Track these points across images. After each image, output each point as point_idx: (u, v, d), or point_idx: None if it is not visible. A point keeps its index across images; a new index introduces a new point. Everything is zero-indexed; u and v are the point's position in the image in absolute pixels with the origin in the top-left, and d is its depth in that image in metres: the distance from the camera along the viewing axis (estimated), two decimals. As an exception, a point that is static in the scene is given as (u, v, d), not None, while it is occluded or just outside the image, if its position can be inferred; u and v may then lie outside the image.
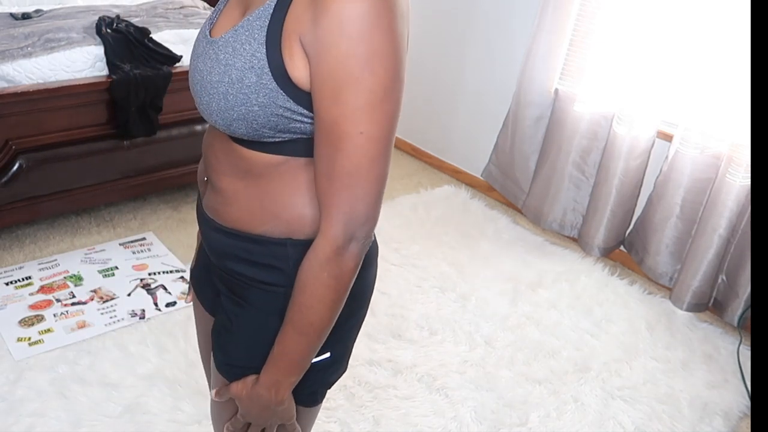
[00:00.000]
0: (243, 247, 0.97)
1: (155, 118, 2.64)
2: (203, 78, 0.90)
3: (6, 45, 2.38)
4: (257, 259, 0.96)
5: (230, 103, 0.86)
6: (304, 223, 0.93)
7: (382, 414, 2.01)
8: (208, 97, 0.89)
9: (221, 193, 0.98)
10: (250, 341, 1.01)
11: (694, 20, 2.46)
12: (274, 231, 0.94)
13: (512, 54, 3.20)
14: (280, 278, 0.96)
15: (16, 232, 2.74)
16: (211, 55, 0.90)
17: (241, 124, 0.87)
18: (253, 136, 0.88)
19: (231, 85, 0.86)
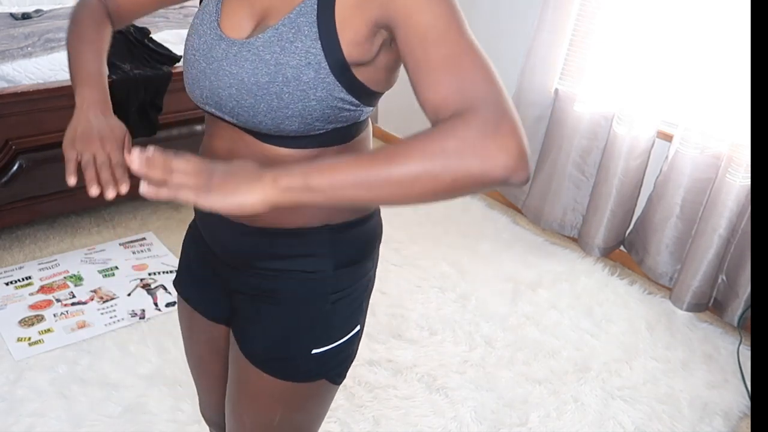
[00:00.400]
0: (282, 243, 0.99)
1: (155, 118, 2.64)
2: (242, 81, 0.88)
3: (6, 45, 2.38)
4: (297, 251, 1.00)
5: (284, 102, 0.87)
6: (349, 206, 0.99)
7: (382, 414, 2.01)
8: (253, 99, 0.88)
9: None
10: (289, 331, 1.03)
11: (694, 20, 2.46)
12: (313, 221, 0.98)
13: (512, 54, 3.19)
14: (319, 264, 1.00)
15: (16, 232, 2.74)
16: (247, 57, 0.88)
17: (294, 121, 0.88)
18: (305, 130, 0.90)
19: (286, 84, 0.86)
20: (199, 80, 0.93)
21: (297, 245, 0.99)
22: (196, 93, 0.95)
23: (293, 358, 1.04)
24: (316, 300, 1.02)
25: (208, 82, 0.92)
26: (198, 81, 0.94)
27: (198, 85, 0.94)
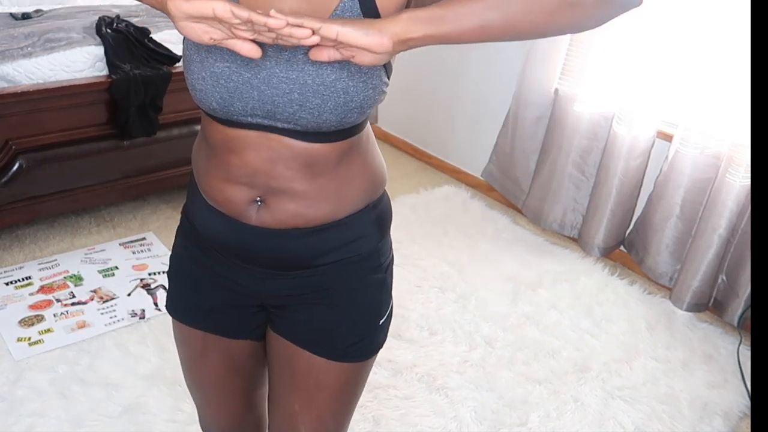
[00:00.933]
0: (334, 236, 1.03)
1: (155, 118, 2.64)
2: (305, 84, 0.88)
3: (6, 45, 2.38)
4: (348, 239, 1.04)
5: (350, 96, 0.89)
6: (380, 180, 1.06)
7: (382, 414, 2.01)
8: (320, 99, 0.88)
9: (304, 198, 0.98)
10: (359, 313, 1.09)
11: (694, 20, 2.46)
12: (359, 204, 1.03)
13: (512, 54, 3.19)
14: (370, 242, 1.06)
15: (16, 232, 2.74)
16: (304, 59, 0.87)
17: (354, 114, 0.91)
18: (361, 119, 0.94)
19: (351, 78, 0.88)
20: (243, 92, 0.90)
21: (348, 233, 1.04)
22: (236, 106, 0.91)
23: (368, 335, 1.11)
24: (374, 275, 1.08)
25: (256, 92, 0.90)
26: (241, 93, 0.90)
27: (241, 97, 0.90)
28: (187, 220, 1.12)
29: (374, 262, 1.08)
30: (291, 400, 1.14)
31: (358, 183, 1.02)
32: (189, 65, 0.93)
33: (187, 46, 0.93)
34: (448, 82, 3.59)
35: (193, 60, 0.92)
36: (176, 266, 1.17)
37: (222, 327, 1.15)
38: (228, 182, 0.99)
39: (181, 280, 1.17)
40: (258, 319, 1.14)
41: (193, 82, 0.93)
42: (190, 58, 0.92)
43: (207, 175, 1.03)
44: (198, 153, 1.07)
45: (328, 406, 1.14)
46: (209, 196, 1.03)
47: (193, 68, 0.92)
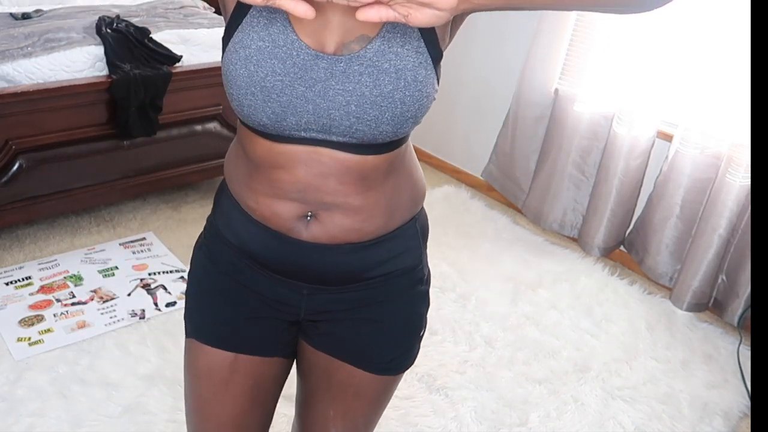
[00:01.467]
0: (385, 248, 1.03)
1: (155, 118, 2.64)
2: (363, 96, 0.87)
3: (6, 45, 2.38)
4: (396, 251, 1.04)
5: (407, 106, 0.89)
6: (422, 192, 1.07)
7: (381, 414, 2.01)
8: (378, 111, 0.88)
9: (358, 213, 0.97)
10: (403, 326, 1.10)
11: (694, 20, 2.46)
12: (405, 216, 1.04)
13: (512, 54, 3.19)
14: (414, 254, 1.07)
15: (16, 232, 2.74)
16: (362, 70, 0.87)
17: (409, 124, 0.92)
18: (406, 132, 0.94)
19: (407, 88, 0.88)
20: (297, 106, 0.88)
21: (398, 246, 1.04)
22: (289, 121, 0.89)
23: (409, 348, 1.13)
24: (417, 287, 1.09)
25: (311, 106, 0.88)
26: (295, 107, 0.88)
27: (294, 111, 0.88)
28: (217, 234, 1.07)
29: (418, 275, 1.08)
30: (326, 406, 1.14)
31: (406, 194, 1.03)
32: (234, 81, 0.88)
33: (231, 60, 0.88)
34: (448, 82, 3.58)
35: (239, 75, 0.88)
36: (202, 284, 1.10)
37: (255, 344, 1.09)
38: (276, 198, 0.97)
39: (210, 297, 1.10)
40: (291, 334, 1.12)
41: (240, 98, 0.89)
42: (235, 74, 0.88)
43: (251, 191, 0.99)
44: (235, 168, 1.03)
45: (363, 414, 1.16)
46: (255, 212, 1.00)
47: (240, 83, 0.88)
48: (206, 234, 1.11)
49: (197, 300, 1.11)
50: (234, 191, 1.03)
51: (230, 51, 0.89)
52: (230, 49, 0.89)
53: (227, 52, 0.89)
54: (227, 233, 1.05)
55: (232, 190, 1.04)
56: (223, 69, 0.91)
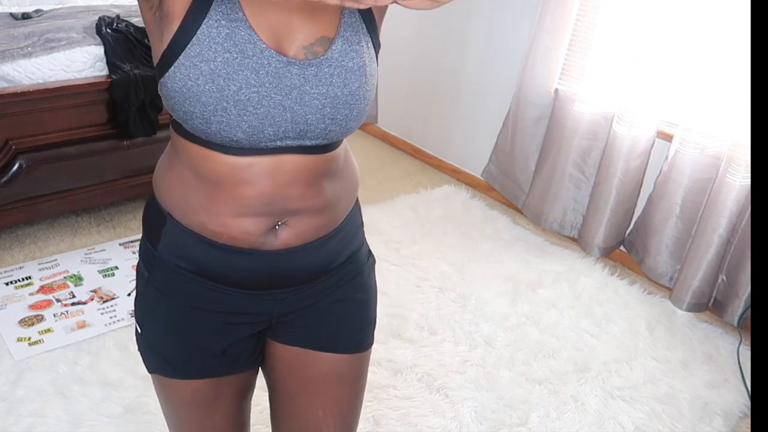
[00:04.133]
0: (345, 233, 1.05)
1: (155, 118, 2.64)
2: (336, 96, 0.88)
3: (6, 45, 2.38)
4: (352, 233, 1.08)
5: (367, 100, 0.93)
6: (357, 170, 1.08)
7: (382, 414, 2.01)
8: (348, 109, 0.90)
9: (325, 209, 0.98)
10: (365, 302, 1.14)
11: (694, 20, 2.46)
12: (351, 203, 1.06)
13: (512, 54, 3.20)
14: (361, 233, 1.12)
15: (16, 232, 2.74)
16: (332, 72, 0.87)
17: (364, 116, 0.95)
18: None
19: (368, 84, 0.91)
20: (275, 116, 0.86)
21: (353, 228, 1.08)
22: (267, 132, 0.87)
23: (372, 318, 1.16)
24: (367, 260, 1.14)
25: (289, 114, 0.86)
26: (273, 118, 0.86)
27: (273, 122, 0.86)
28: (164, 266, 1.01)
29: (366, 248, 1.14)
30: (313, 407, 1.12)
31: (352, 176, 1.05)
32: (197, 98, 0.83)
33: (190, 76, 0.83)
34: (448, 82, 3.59)
35: (204, 91, 0.83)
36: (159, 322, 1.05)
37: (236, 364, 1.09)
38: (244, 216, 0.93)
39: (173, 333, 1.05)
40: (261, 339, 1.12)
41: (206, 115, 0.84)
42: (198, 90, 0.83)
43: (213, 214, 0.94)
44: (183, 192, 0.95)
45: (349, 403, 1.15)
46: (221, 236, 0.95)
47: (207, 100, 0.83)
48: (150, 270, 1.02)
49: (160, 339, 1.06)
50: (185, 218, 0.96)
51: (186, 66, 0.83)
52: (185, 65, 0.83)
53: (180, 67, 0.83)
54: (181, 262, 0.99)
55: (182, 217, 0.96)
56: (174, 87, 0.84)
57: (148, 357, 1.09)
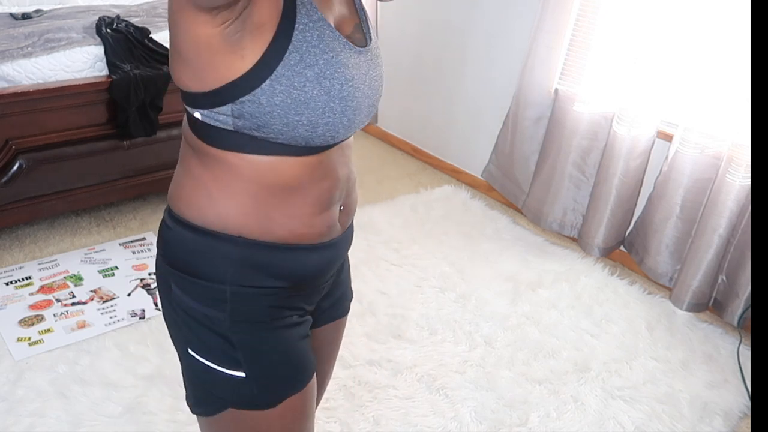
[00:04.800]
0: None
1: (155, 118, 2.64)
2: (383, 77, 0.96)
3: (6, 45, 2.38)
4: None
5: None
6: None
7: (382, 414, 2.01)
8: (383, 89, 0.97)
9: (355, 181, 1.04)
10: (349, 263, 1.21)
11: (694, 20, 2.46)
12: None
13: (512, 54, 3.20)
14: None
15: (16, 232, 2.74)
16: (377, 53, 0.96)
17: None
18: None
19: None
20: (362, 105, 0.88)
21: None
22: (357, 122, 0.89)
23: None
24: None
25: (368, 100, 0.90)
26: (362, 107, 0.88)
27: (361, 111, 0.89)
28: (246, 298, 0.96)
29: None
30: (327, 368, 1.22)
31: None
32: (307, 104, 0.83)
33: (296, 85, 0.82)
34: (448, 82, 3.59)
35: (314, 96, 0.83)
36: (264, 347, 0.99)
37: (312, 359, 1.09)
38: (327, 209, 0.94)
39: (279, 353, 1.00)
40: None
41: (316, 120, 0.84)
42: (307, 96, 0.83)
43: (299, 217, 0.93)
44: (256, 206, 0.91)
45: (338, 347, 1.27)
46: (311, 236, 0.95)
47: (317, 105, 0.83)
48: (225, 310, 0.95)
49: (275, 364, 1.00)
50: (267, 233, 0.93)
51: (287, 76, 0.81)
52: (286, 75, 0.81)
53: (281, 78, 0.81)
54: (267, 282, 0.96)
55: (263, 233, 0.93)
56: (274, 100, 0.82)
57: (267, 391, 1.00)
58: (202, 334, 0.96)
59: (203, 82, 0.83)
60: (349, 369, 2.16)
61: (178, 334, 1.01)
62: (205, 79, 0.83)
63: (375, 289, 2.58)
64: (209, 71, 0.82)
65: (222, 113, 0.85)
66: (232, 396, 0.99)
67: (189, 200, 0.94)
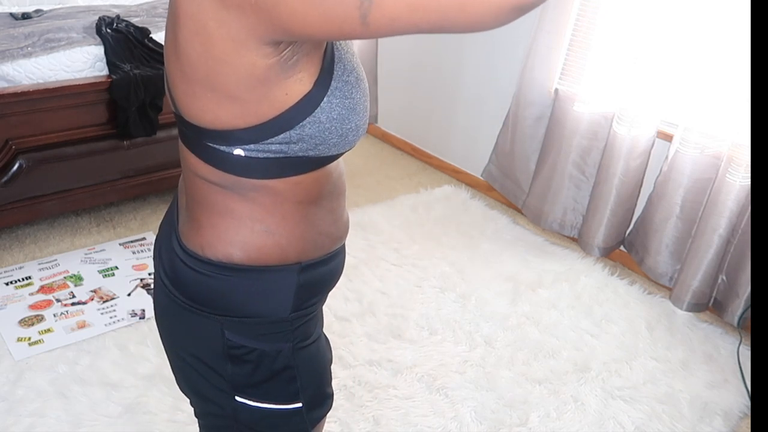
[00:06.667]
0: None
1: (155, 118, 2.64)
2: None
3: (6, 45, 2.38)
4: None
5: None
6: None
7: (382, 414, 2.01)
8: None
9: None
10: None
11: (694, 20, 2.46)
12: None
13: (512, 54, 3.19)
14: None
15: (16, 232, 2.74)
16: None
17: None
18: None
19: None
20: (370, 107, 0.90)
21: None
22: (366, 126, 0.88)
23: None
24: None
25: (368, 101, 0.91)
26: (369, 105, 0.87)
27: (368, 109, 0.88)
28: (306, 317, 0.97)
29: None
30: None
31: None
32: (354, 112, 0.83)
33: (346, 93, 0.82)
34: (448, 82, 3.59)
35: (358, 101, 0.83)
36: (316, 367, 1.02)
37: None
38: (343, 206, 0.97)
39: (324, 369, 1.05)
40: None
41: (360, 123, 0.84)
42: (353, 104, 0.83)
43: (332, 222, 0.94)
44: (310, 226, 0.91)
45: None
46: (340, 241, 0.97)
47: (361, 107, 0.84)
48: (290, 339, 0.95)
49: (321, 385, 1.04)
50: (320, 249, 0.94)
51: (339, 88, 0.81)
52: (339, 87, 0.81)
53: (335, 92, 0.81)
54: (314, 298, 0.97)
55: (317, 250, 0.94)
56: (332, 116, 0.81)
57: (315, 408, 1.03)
58: (259, 376, 0.95)
59: (254, 116, 0.78)
60: (349, 369, 2.16)
61: (216, 393, 0.98)
62: (257, 112, 0.78)
63: (375, 289, 2.58)
64: (263, 104, 0.78)
65: (276, 143, 0.80)
66: (286, 429, 1.00)
67: (235, 241, 0.89)
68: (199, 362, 0.97)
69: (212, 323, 0.92)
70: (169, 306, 0.96)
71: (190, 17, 0.74)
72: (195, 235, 0.91)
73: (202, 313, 0.92)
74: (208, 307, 0.91)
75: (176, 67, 0.80)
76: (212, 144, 0.82)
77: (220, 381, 0.96)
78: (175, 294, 0.94)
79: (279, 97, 0.78)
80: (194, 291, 0.92)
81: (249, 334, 0.92)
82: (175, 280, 0.93)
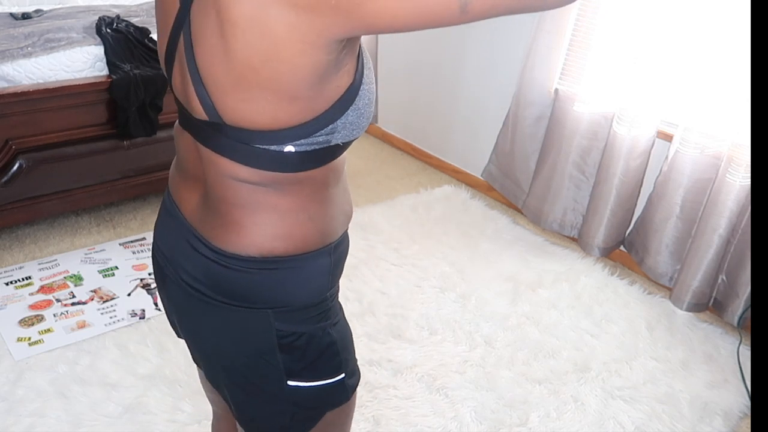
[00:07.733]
0: None
1: (155, 118, 2.64)
2: None
3: (6, 45, 2.38)
4: None
5: None
6: None
7: (382, 414, 2.01)
8: None
9: None
10: None
11: (694, 20, 2.46)
12: None
13: (512, 54, 3.19)
14: None
15: (16, 232, 2.74)
16: None
17: None
18: None
19: None
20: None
21: None
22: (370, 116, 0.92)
23: None
24: None
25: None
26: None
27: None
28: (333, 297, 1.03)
29: None
30: None
31: None
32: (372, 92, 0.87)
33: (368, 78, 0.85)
34: (448, 82, 3.59)
35: (373, 85, 0.87)
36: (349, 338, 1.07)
37: None
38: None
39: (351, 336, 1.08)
40: None
41: (373, 105, 0.89)
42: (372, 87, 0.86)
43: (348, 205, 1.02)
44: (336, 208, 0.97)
45: None
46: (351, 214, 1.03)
47: (374, 90, 0.88)
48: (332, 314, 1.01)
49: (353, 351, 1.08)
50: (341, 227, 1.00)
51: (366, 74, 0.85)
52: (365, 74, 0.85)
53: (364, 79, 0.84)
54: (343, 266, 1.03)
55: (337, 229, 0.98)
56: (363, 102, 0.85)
57: (353, 376, 1.07)
58: (309, 357, 0.98)
59: (310, 112, 0.81)
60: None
61: (268, 383, 1.00)
62: (313, 108, 0.81)
63: (375, 289, 2.58)
64: (318, 99, 0.80)
65: (322, 134, 0.83)
66: (332, 400, 1.03)
67: (279, 235, 0.91)
68: (247, 357, 0.98)
69: (261, 317, 0.94)
70: (207, 309, 0.96)
71: (251, 21, 0.73)
72: (235, 237, 0.91)
73: (251, 309, 0.94)
74: (256, 303, 0.94)
75: (228, 73, 0.79)
76: (262, 145, 0.83)
77: (273, 370, 0.98)
78: (211, 296, 0.94)
79: (331, 90, 0.80)
80: (239, 290, 0.93)
81: (296, 319, 0.95)
82: (214, 284, 0.94)
